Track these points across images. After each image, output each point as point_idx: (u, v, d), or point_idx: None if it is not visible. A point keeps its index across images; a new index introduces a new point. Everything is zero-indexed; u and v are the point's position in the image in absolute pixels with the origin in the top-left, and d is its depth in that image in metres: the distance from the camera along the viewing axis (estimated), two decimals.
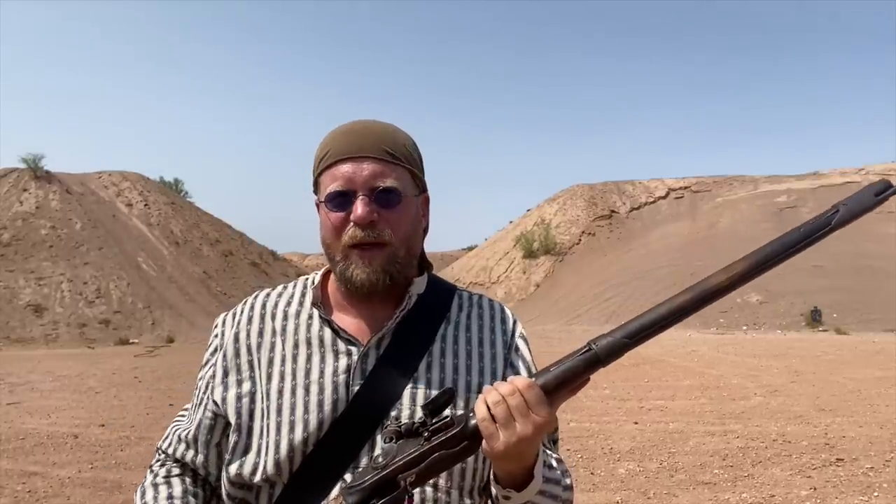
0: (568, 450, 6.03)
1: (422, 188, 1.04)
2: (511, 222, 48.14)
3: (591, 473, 5.37)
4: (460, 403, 0.96)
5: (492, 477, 0.90)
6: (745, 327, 21.35)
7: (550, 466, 0.95)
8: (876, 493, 4.79)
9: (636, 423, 7.18)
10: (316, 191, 1.01)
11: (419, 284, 1.02)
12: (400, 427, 0.83)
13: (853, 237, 30.91)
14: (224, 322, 1.06)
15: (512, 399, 0.79)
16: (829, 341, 16.56)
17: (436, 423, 0.81)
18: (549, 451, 1.00)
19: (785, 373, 10.66)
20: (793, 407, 7.81)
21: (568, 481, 0.98)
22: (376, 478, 0.81)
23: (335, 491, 0.82)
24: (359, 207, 0.93)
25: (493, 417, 0.79)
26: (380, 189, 0.94)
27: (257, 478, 0.93)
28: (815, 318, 21.22)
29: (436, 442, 0.81)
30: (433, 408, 0.82)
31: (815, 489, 4.90)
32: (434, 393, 0.93)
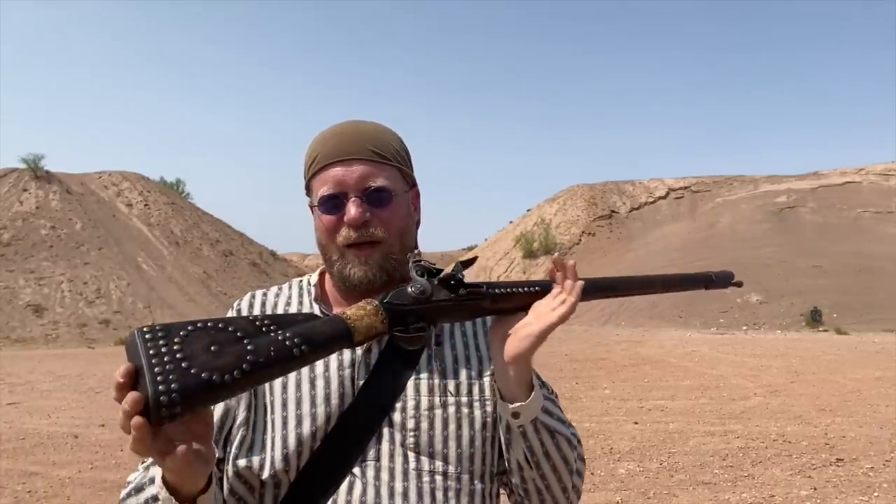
0: None
1: (411, 183, 1.05)
2: (511, 222, 48.23)
3: (591, 473, 5.37)
4: (462, 390, 0.99)
5: (498, 398, 0.93)
6: (745, 327, 21.34)
7: (551, 413, 0.98)
8: (876, 493, 4.79)
9: (636, 423, 7.18)
10: (308, 193, 1.03)
11: None
12: (433, 269, 0.87)
13: (853, 237, 30.90)
14: None
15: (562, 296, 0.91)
16: (829, 341, 16.54)
17: (471, 286, 0.88)
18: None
19: (785, 373, 10.65)
20: (793, 407, 7.81)
21: (573, 429, 1.02)
22: (416, 307, 0.83)
23: (370, 307, 0.80)
24: (351, 209, 0.95)
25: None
26: (371, 189, 0.96)
27: (265, 473, 0.93)
28: (815, 318, 21.20)
29: (470, 303, 0.88)
30: (463, 268, 0.89)
31: (815, 489, 4.90)
32: (436, 383, 0.97)
